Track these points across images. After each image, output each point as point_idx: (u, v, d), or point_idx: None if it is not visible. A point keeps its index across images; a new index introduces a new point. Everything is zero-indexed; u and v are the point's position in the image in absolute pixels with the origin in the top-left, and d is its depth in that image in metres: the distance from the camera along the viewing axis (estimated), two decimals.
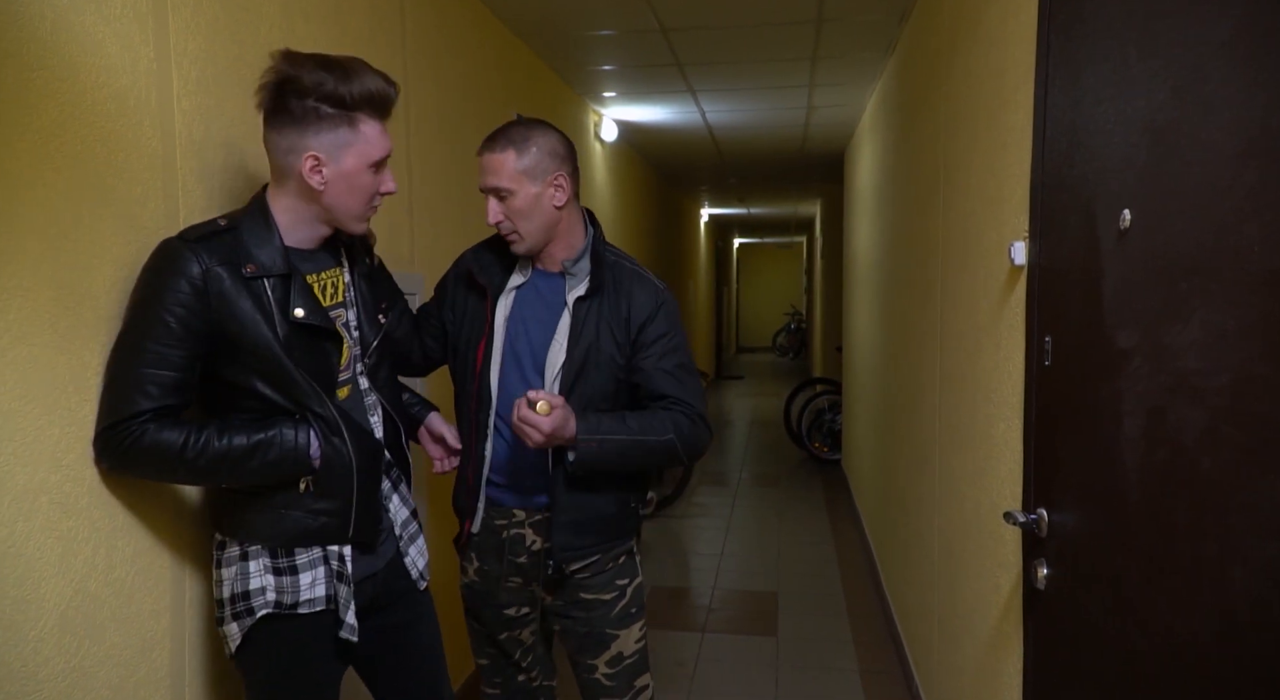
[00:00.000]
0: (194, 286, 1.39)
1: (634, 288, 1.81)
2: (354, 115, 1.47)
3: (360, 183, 1.51)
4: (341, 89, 1.44)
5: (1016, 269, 1.77)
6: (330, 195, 1.50)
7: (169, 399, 1.38)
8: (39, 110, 1.29)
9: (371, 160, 1.50)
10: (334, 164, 1.47)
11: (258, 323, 1.43)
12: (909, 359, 3.30)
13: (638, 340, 1.79)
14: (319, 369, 1.51)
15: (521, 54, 3.83)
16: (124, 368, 1.37)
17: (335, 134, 1.46)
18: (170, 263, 1.40)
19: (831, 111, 5.30)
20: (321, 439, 1.49)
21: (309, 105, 1.44)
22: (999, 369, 1.93)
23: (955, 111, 2.45)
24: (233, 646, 1.53)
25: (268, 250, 1.47)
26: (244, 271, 1.43)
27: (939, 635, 2.63)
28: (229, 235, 1.46)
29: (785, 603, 4.16)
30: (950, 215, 2.50)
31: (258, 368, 1.45)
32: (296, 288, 1.48)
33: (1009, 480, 1.84)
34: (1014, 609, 1.78)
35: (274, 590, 1.51)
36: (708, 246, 12.69)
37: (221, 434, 1.42)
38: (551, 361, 1.80)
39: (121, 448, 1.35)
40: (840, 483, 6.47)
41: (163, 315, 1.37)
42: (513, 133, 1.74)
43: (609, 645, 1.88)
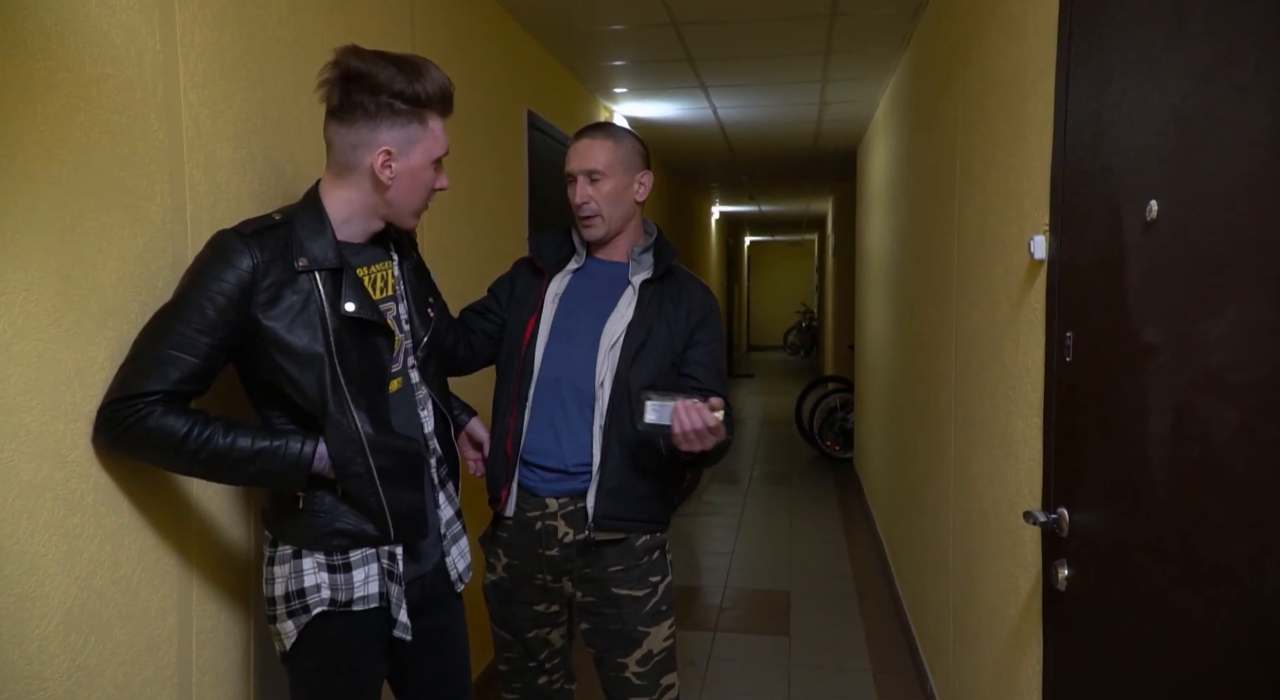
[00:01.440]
0: (240, 280, 1.39)
1: (693, 286, 1.95)
2: (424, 112, 1.51)
3: (424, 178, 1.54)
4: (415, 86, 1.48)
5: (1036, 263, 1.74)
6: (396, 190, 1.52)
7: (184, 385, 1.36)
8: (43, 102, 1.27)
9: (435, 156, 1.54)
10: (404, 159, 1.50)
11: (308, 317, 1.44)
12: (924, 356, 3.26)
13: (695, 334, 1.89)
14: (369, 364, 1.51)
15: (532, 49, 3.81)
16: (148, 345, 1.36)
17: (407, 130, 1.50)
18: (222, 254, 1.41)
19: (844, 107, 5.26)
20: (335, 450, 1.46)
21: (383, 101, 1.47)
22: (1018, 365, 1.89)
23: (972, 105, 2.41)
24: (287, 644, 1.52)
25: (320, 243, 1.47)
26: (296, 265, 1.44)
27: (954, 636, 2.60)
28: (283, 229, 1.47)
29: (797, 602, 4.12)
30: (967, 210, 2.46)
31: (289, 369, 1.44)
32: (348, 282, 1.48)
33: (1028, 479, 1.81)
34: (1033, 610, 1.75)
35: (329, 588, 1.50)
36: (719, 244, 12.65)
37: (227, 432, 1.40)
38: (609, 331, 1.85)
39: (124, 425, 1.32)
40: (852, 481, 6.43)
41: (202, 302, 1.37)
42: (610, 127, 1.91)
43: (640, 643, 1.87)
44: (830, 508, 5.87)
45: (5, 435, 1.21)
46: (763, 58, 4.18)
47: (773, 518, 5.64)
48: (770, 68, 4.38)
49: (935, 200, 3.02)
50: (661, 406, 1.66)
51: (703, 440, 1.65)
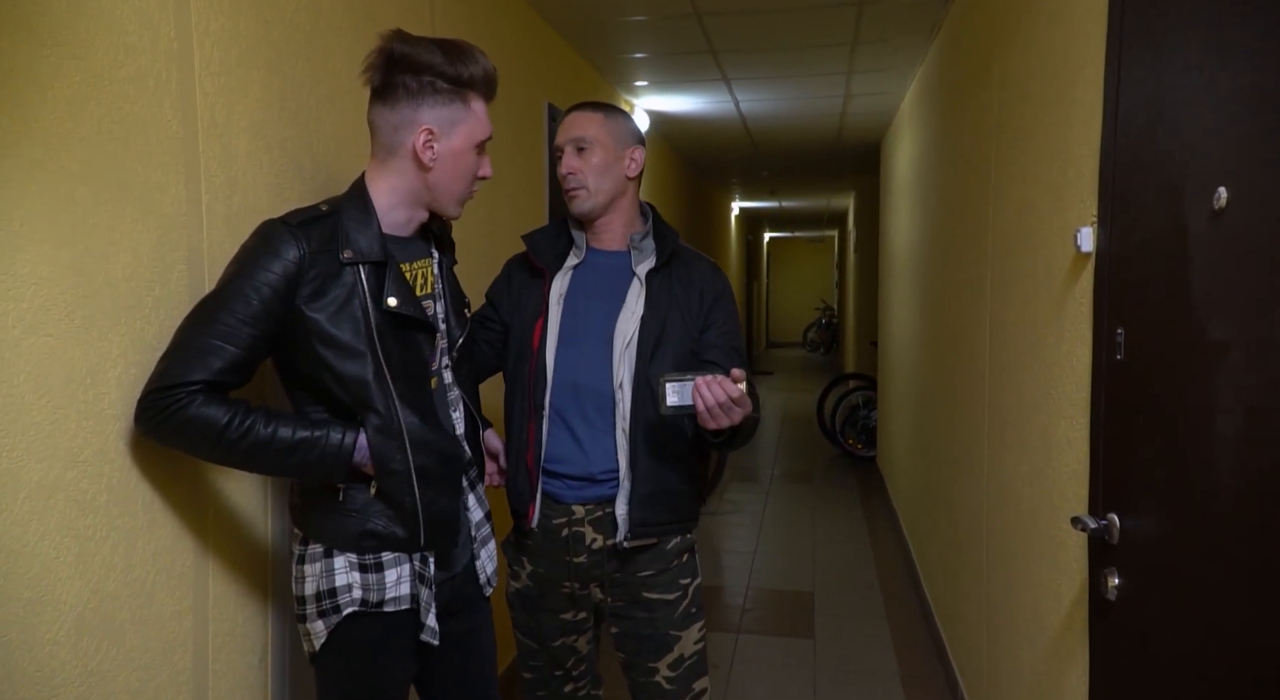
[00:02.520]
0: (286, 271, 1.38)
1: (702, 266, 1.88)
2: (467, 93, 1.49)
3: (465, 162, 1.52)
4: (458, 67, 1.46)
5: (1082, 256, 1.67)
6: (437, 173, 1.50)
7: (225, 375, 1.35)
8: (53, 90, 1.23)
9: (478, 140, 1.52)
10: (446, 140, 1.48)
11: (351, 310, 1.43)
12: (953, 354, 3.18)
13: (710, 316, 1.83)
14: (409, 360, 1.50)
15: (552, 41, 3.75)
16: (192, 334, 1.35)
17: (449, 109, 1.48)
18: (269, 243, 1.39)
19: (870, 99, 5.17)
20: (377, 444, 1.44)
21: (425, 81, 1.45)
22: (1060, 364, 1.82)
23: (1009, 93, 2.33)
24: (316, 645, 1.49)
25: (366, 235, 1.46)
26: (341, 257, 1.43)
27: (988, 642, 2.53)
28: (330, 219, 1.45)
29: (821, 603, 4.06)
30: (1003, 203, 2.38)
31: (331, 361, 1.42)
32: (391, 276, 1.47)
33: (1072, 482, 1.74)
34: (1078, 619, 1.67)
35: (360, 587, 1.48)
36: (738, 240, 12.57)
37: (268, 422, 1.38)
38: (621, 331, 1.78)
39: (165, 414, 1.31)
40: (875, 480, 6.35)
41: (247, 291, 1.36)
42: (601, 103, 1.87)
43: (671, 647, 1.82)
44: (853, 507, 5.79)
45: (14, 434, 1.17)
46: (787, 49, 4.11)
47: (795, 517, 5.57)
48: (795, 59, 4.30)
49: (967, 193, 2.94)
50: (682, 387, 1.60)
51: (729, 413, 1.58)
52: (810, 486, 6.40)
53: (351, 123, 2.02)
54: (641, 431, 1.75)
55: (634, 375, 1.75)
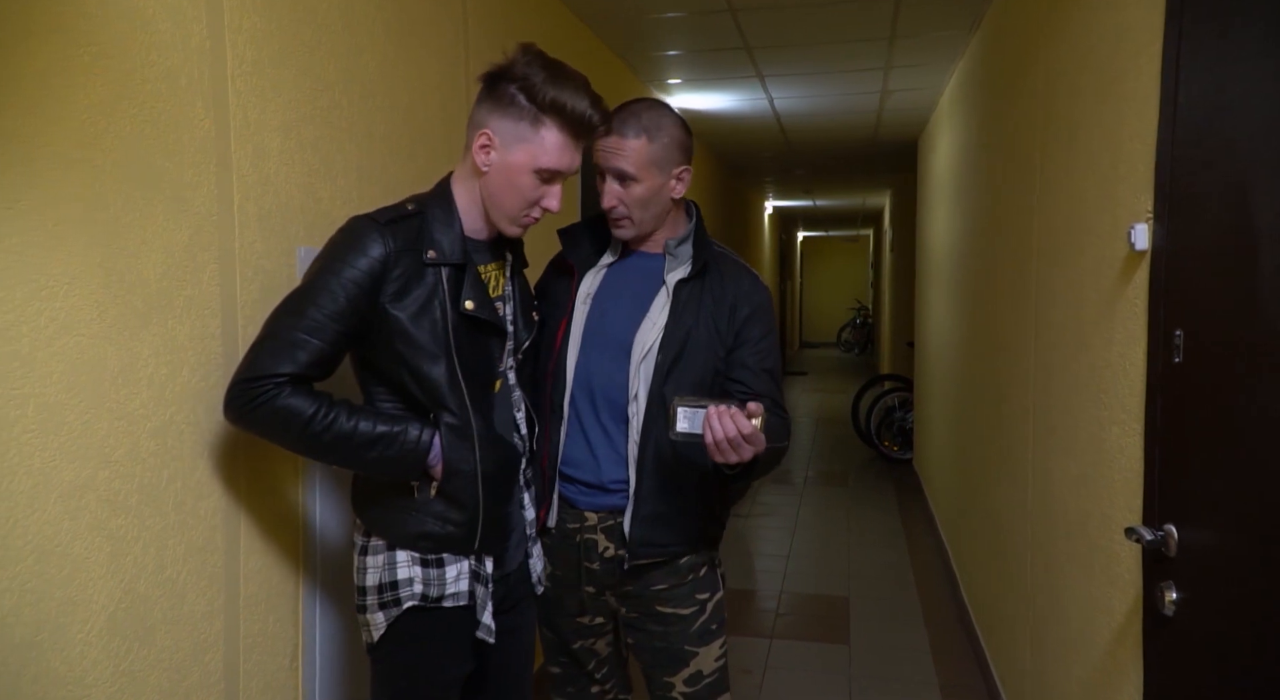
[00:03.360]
0: (373, 268, 1.40)
1: (740, 278, 1.75)
2: (541, 116, 1.46)
3: (520, 182, 1.48)
4: (541, 88, 1.44)
5: (1136, 254, 1.60)
6: (489, 182, 1.49)
7: (312, 369, 1.38)
8: (86, 89, 1.22)
9: (539, 166, 1.47)
10: (503, 150, 1.47)
11: (431, 310, 1.44)
12: (995, 355, 3.11)
13: (741, 333, 1.71)
14: (479, 363, 1.51)
15: (586, 39, 3.73)
16: (281, 327, 1.38)
17: (517, 125, 1.46)
18: (358, 240, 1.41)
19: (907, 95, 5.08)
20: (447, 444, 1.46)
21: (509, 91, 1.45)
22: (1111, 367, 1.75)
23: (1056, 86, 2.26)
24: (375, 636, 1.51)
25: (449, 237, 1.48)
26: (425, 257, 1.45)
27: (1032, 653, 2.45)
28: (416, 219, 1.47)
29: (857, 609, 3.99)
30: (1049, 199, 2.31)
31: (410, 359, 1.44)
32: (470, 280, 1.49)
33: (1124, 490, 1.67)
34: (1131, 634, 1.61)
35: (421, 582, 1.49)
36: (772, 240, 12.47)
37: (351, 415, 1.40)
38: (640, 340, 1.69)
39: (253, 404, 1.35)
40: (912, 483, 6.25)
41: (334, 287, 1.38)
42: (645, 118, 1.66)
43: (687, 662, 1.76)
44: (889, 510, 5.70)
45: (46, 434, 1.17)
46: (823, 44, 4.05)
47: (829, 520, 5.50)
48: (830, 55, 4.24)
49: (1010, 190, 2.86)
50: (694, 413, 1.48)
51: (738, 450, 1.46)
52: (845, 489, 6.32)
53: (384, 121, 2.01)
54: (651, 450, 1.67)
55: (649, 390, 1.66)
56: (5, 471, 1.11)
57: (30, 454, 1.14)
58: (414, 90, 2.17)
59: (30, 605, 1.15)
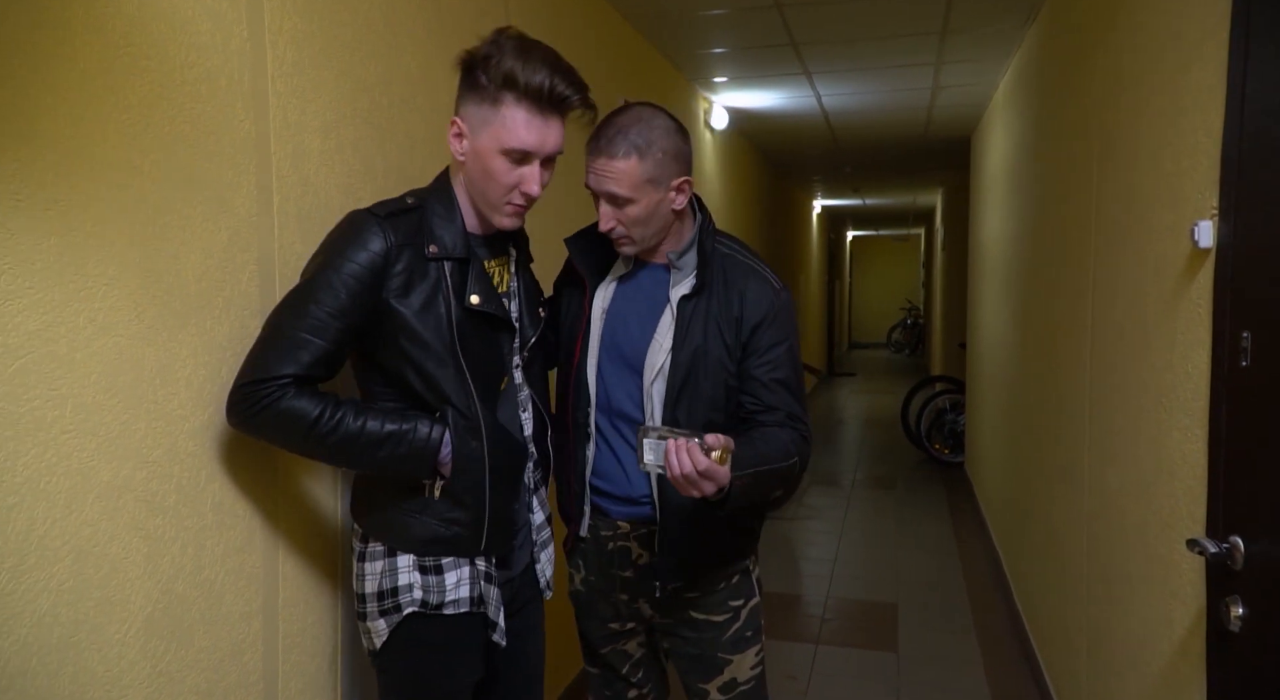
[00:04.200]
0: (374, 262, 1.37)
1: (748, 285, 1.62)
2: (499, 93, 1.39)
3: (492, 166, 1.42)
4: (502, 64, 1.38)
5: (1200, 252, 1.52)
6: (468, 171, 1.46)
7: (315, 369, 1.35)
8: (125, 91, 1.23)
9: (504, 146, 1.40)
10: (472, 136, 1.43)
11: (435, 305, 1.41)
12: (1051, 356, 3.01)
13: (750, 344, 1.60)
14: (487, 358, 1.49)
15: (629, 38, 3.70)
16: (282, 327, 1.35)
17: (479, 107, 1.42)
18: (357, 234, 1.38)
19: (959, 91, 4.97)
20: (456, 440, 1.44)
21: (477, 74, 1.41)
22: (1173, 369, 1.67)
23: (1115, 79, 2.17)
24: (377, 643, 1.49)
25: (450, 231, 1.45)
26: (426, 252, 1.41)
27: (1088, 664, 2.36)
28: (415, 214, 1.43)
29: (905, 615, 3.90)
30: (1107, 196, 2.22)
31: (415, 355, 1.41)
32: (474, 274, 1.46)
33: (1186, 499, 1.59)
34: (1193, 650, 1.53)
35: (420, 588, 1.46)
36: (820, 239, 12.33)
37: (358, 415, 1.37)
38: (650, 363, 1.62)
39: (257, 407, 1.31)
40: (963, 487, 6.11)
41: (336, 284, 1.35)
42: (633, 134, 1.53)
43: (721, 670, 1.73)
44: (939, 515, 5.58)
45: (84, 434, 1.18)
46: (872, 40, 3.97)
47: (877, 524, 5.40)
48: (879, 51, 4.16)
49: (1067, 187, 2.77)
50: (657, 445, 1.42)
51: (697, 486, 1.38)
52: (894, 492, 6.20)
53: (424, 122, 2.01)
54: (663, 485, 1.60)
55: (663, 413, 1.60)
56: (43, 471, 1.12)
57: (68, 454, 1.15)
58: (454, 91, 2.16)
59: (68, 605, 1.16)
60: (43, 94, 1.11)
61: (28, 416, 1.09)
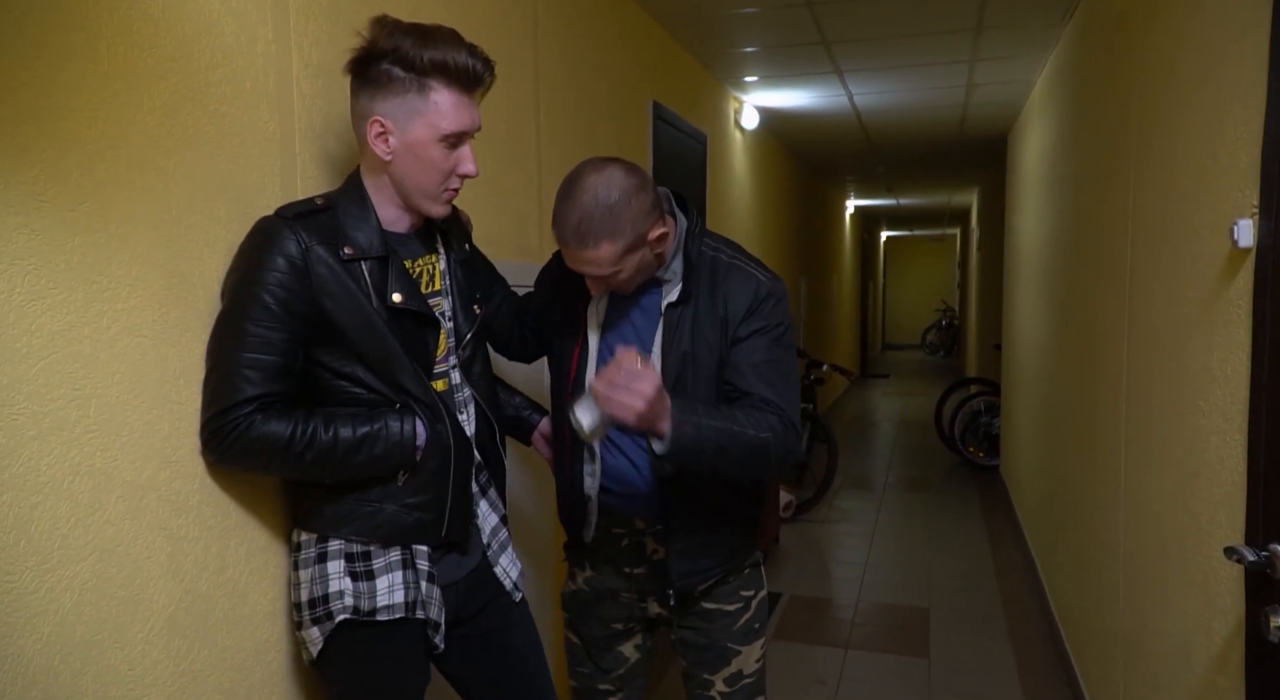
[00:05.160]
0: (293, 266, 1.32)
1: (730, 283, 1.60)
2: (425, 81, 1.35)
3: (429, 155, 1.39)
4: (414, 52, 1.34)
5: (1240, 252, 1.48)
6: (398, 168, 1.40)
7: (272, 385, 1.31)
8: (150, 92, 1.24)
9: (442, 133, 1.38)
10: (400, 133, 1.37)
11: (359, 302, 1.36)
12: (1087, 358, 2.94)
13: (734, 337, 1.59)
14: (415, 358, 1.44)
15: (659, 38, 3.69)
16: (225, 353, 1.31)
17: (403, 100, 1.36)
18: (268, 241, 1.32)
19: (995, 89, 4.89)
20: (427, 427, 1.42)
21: (383, 68, 1.35)
22: (1210, 372, 1.62)
23: (1153, 75, 2.12)
24: (313, 652, 1.45)
25: (365, 231, 1.40)
26: (342, 253, 1.36)
27: (1124, 673, 2.31)
28: (325, 215, 1.38)
29: (938, 620, 3.84)
30: (1143, 195, 2.17)
31: (359, 351, 1.38)
32: (394, 272, 1.41)
33: (1224, 505, 1.54)
34: (1232, 661, 1.48)
35: (351, 595, 1.42)
36: (853, 240, 12.22)
37: (328, 426, 1.35)
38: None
39: (229, 439, 1.29)
40: (998, 491, 6.02)
41: (262, 296, 1.30)
42: (598, 221, 1.46)
43: (729, 661, 1.74)
44: (973, 519, 5.50)
45: (108, 434, 1.19)
46: (904, 38, 3.92)
47: (909, 527, 5.33)
48: (912, 49, 4.10)
49: (1103, 185, 2.71)
50: (586, 400, 1.42)
51: (631, 395, 1.35)
52: (927, 495, 6.12)
53: None
54: (672, 479, 1.60)
55: None
56: (67, 471, 1.13)
57: (92, 454, 1.16)
58: None
59: (91, 604, 1.17)
60: (68, 95, 1.12)
61: (52, 416, 1.11)
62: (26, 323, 1.07)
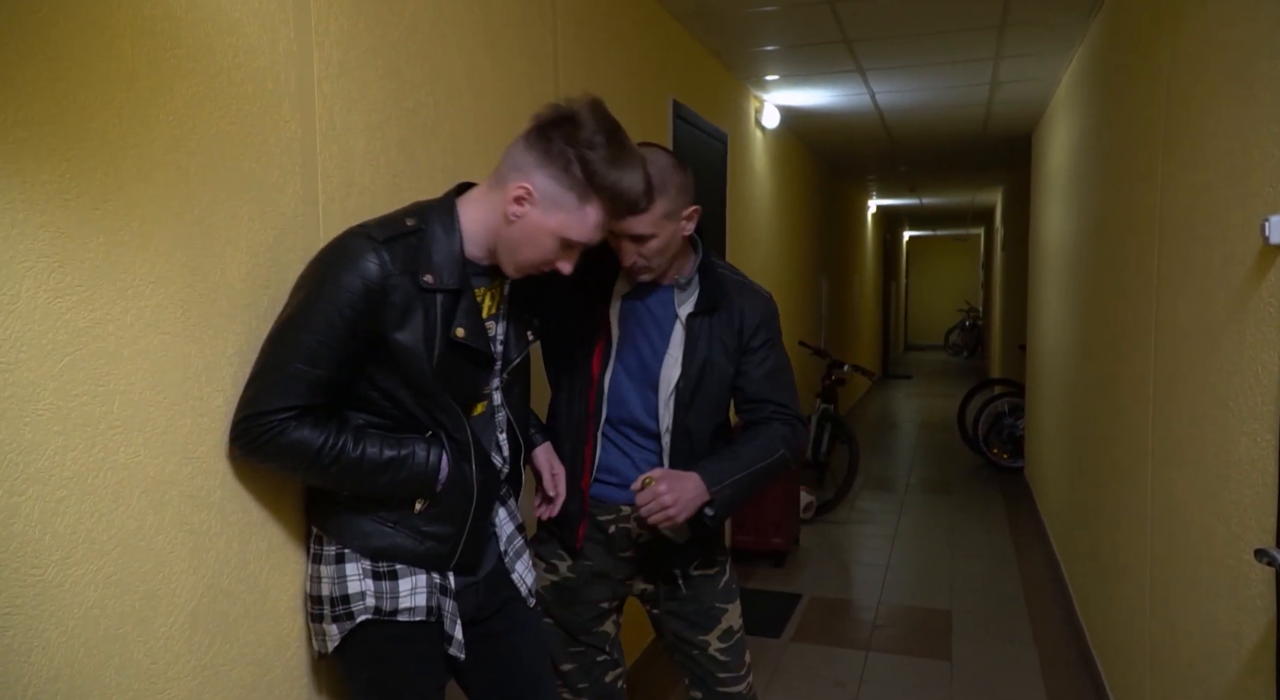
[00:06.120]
0: (369, 291, 1.33)
1: (743, 299, 1.83)
2: (591, 194, 1.41)
3: (545, 244, 1.43)
4: (600, 169, 1.39)
5: (1271, 248, 1.45)
6: (513, 232, 1.43)
7: (315, 398, 1.34)
8: (173, 91, 1.25)
9: (569, 237, 1.43)
10: (538, 211, 1.41)
11: (424, 334, 1.39)
12: (1113, 358, 2.90)
13: (746, 347, 1.81)
14: (463, 387, 1.47)
15: (679, 37, 3.68)
16: (277, 358, 1.33)
17: (563, 191, 1.40)
18: (351, 260, 1.33)
19: (1019, 87, 4.84)
20: (451, 463, 1.45)
21: (567, 155, 1.39)
22: (1241, 372, 1.59)
23: (1182, 71, 2.09)
24: (329, 646, 1.48)
25: (448, 260, 1.41)
26: (422, 281, 1.38)
27: (1151, 680, 2.27)
28: (414, 237, 1.39)
29: (960, 623, 3.81)
30: (1173, 191, 2.14)
31: (408, 377, 1.40)
32: (464, 307, 1.43)
33: (1254, 507, 1.52)
34: (1262, 666, 1.46)
35: (373, 595, 1.44)
36: (875, 240, 12.15)
37: (357, 442, 1.37)
38: (666, 377, 1.79)
39: (259, 441, 1.32)
40: (1022, 493, 5.96)
41: (331, 313, 1.31)
42: (659, 181, 1.64)
43: (720, 619, 1.89)
44: (997, 521, 5.45)
45: (131, 430, 1.20)
46: (927, 36, 3.89)
47: (932, 529, 5.29)
48: (935, 46, 4.07)
49: (1131, 183, 2.67)
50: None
51: (664, 514, 1.62)
52: (949, 497, 6.07)
53: (470, 123, 2.02)
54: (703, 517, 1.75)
55: (674, 421, 1.78)
56: (91, 466, 1.14)
57: (115, 449, 1.17)
58: (501, 91, 2.17)
59: (114, 598, 1.18)
60: (92, 95, 1.13)
61: (76, 412, 1.12)
62: (52, 319, 1.08)
